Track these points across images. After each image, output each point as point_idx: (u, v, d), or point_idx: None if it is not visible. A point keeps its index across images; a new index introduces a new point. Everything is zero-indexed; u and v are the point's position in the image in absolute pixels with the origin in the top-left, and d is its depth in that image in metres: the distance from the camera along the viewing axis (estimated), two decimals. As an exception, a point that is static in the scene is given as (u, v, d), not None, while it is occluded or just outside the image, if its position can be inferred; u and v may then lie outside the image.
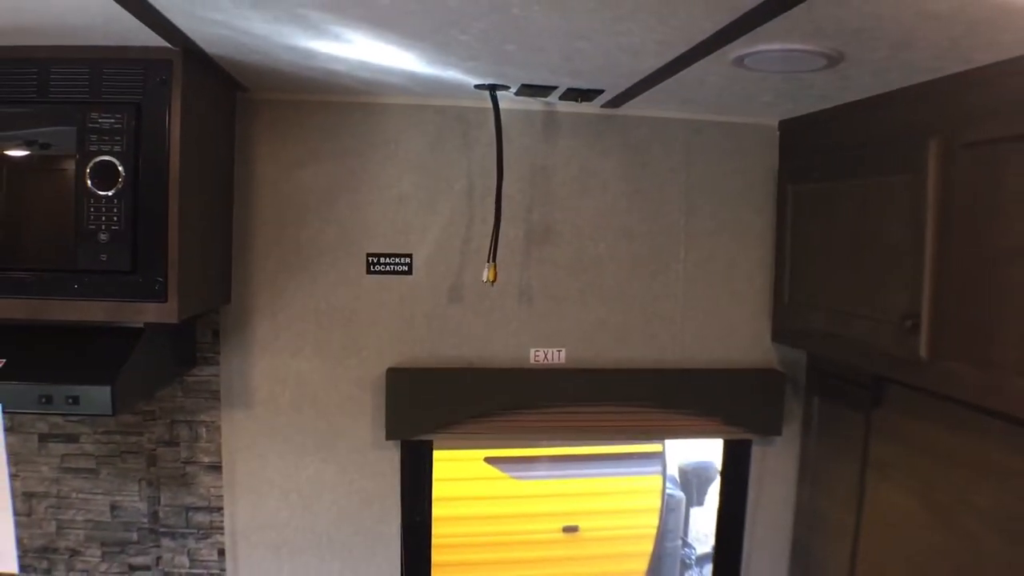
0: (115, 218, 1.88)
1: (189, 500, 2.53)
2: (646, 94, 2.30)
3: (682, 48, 1.74)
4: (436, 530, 2.73)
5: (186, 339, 2.44)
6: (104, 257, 1.89)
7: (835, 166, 2.36)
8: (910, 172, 1.94)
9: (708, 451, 5.93)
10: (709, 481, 5.85)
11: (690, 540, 5.95)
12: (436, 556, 2.75)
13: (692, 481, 5.79)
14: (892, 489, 2.32)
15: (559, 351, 2.64)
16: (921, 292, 1.90)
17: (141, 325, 2.03)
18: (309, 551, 2.60)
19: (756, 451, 2.81)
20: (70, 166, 1.88)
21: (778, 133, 2.70)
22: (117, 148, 1.87)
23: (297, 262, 2.50)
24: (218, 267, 2.39)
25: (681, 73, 1.98)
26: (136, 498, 2.51)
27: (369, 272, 2.54)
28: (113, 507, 2.50)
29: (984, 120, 1.73)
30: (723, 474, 2.88)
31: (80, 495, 2.49)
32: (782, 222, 2.65)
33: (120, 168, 1.87)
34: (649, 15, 1.50)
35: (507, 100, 2.41)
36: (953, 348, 1.82)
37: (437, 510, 2.73)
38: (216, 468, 2.53)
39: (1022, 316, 1.63)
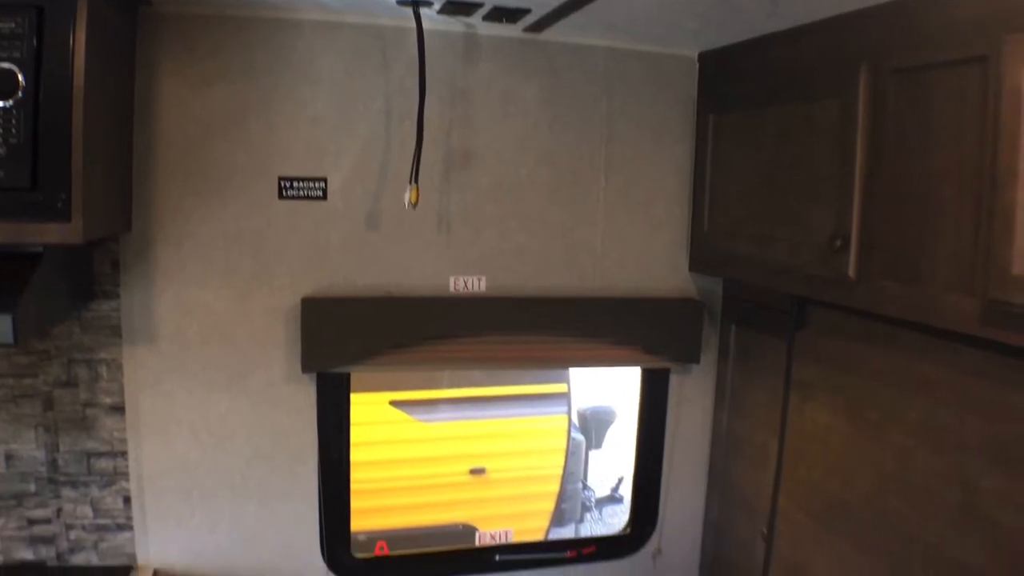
0: (13, 130, 1.72)
1: (90, 445, 2.38)
2: (570, 17, 2.25)
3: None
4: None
5: (83, 271, 2.28)
6: (1, 173, 1.72)
7: (757, 95, 2.38)
8: (839, 98, 1.98)
9: (607, 395, 6.03)
10: (608, 424, 5.95)
11: (589, 484, 6.05)
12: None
13: (591, 425, 5.87)
14: (817, 409, 2.39)
15: (479, 279, 2.60)
16: (850, 212, 1.94)
17: (39, 251, 1.87)
18: (222, 493, 2.49)
19: (674, 379, 2.85)
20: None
21: (698, 65, 2.71)
22: (16, 55, 1.70)
23: (204, 186, 2.36)
24: (119, 191, 2.23)
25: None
26: (32, 446, 2.34)
27: (281, 197, 2.42)
28: (8, 456, 2.32)
29: (913, 47, 1.77)
30: (641, 402, 2.91)
31: (-30, 446, 2.30)
32: (701, 152, 2.68)
33: (20, 76, 1.71)
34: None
35: (427, 21, 2.30)
36: (881, 267, 1.87)
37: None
38: (119, 409, 2.38)
39: (949, 233, 1.68)
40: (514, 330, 2.61)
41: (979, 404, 1.82)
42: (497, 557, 2.86)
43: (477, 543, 4.52)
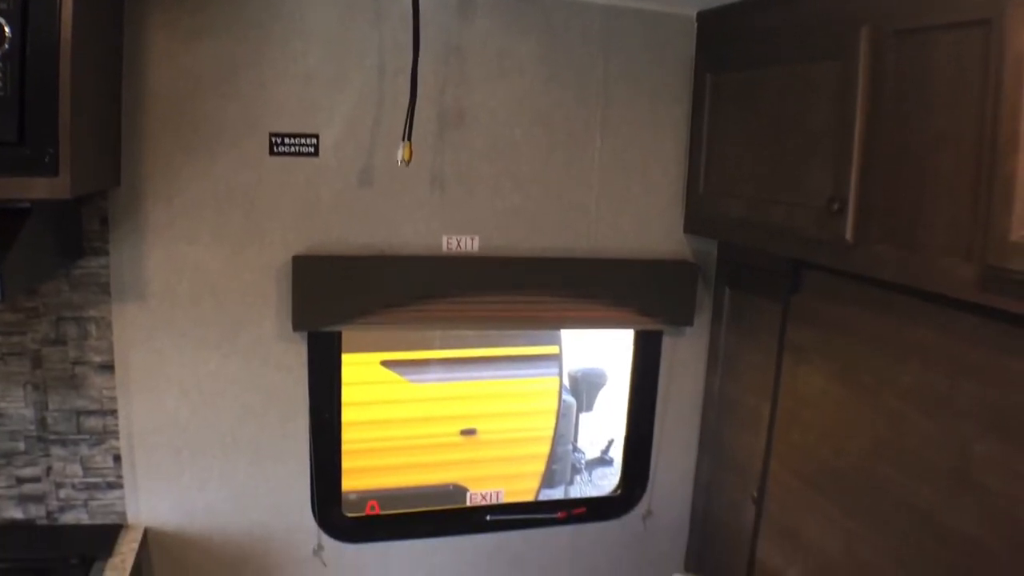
0: (0, 84, 1.67)
1: (80, 403, 2.35)
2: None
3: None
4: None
5: (72, 227, 2.24)
6: (-12, 127, 1.68)
7: (756, 55, 2.35)
8: (839, 59, 1.95)
9: (598, 358, 6.04)
10: (599, 387, 5.97)
11: (579, 446, 6.08)
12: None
13: (582, 387, 5.88)
14: (811, 372, 2.38)
15: (472, 239, 2.57)
16: (848, 175, 1.91)
17: (27, 206, 1.83)
18: (212, 452, 2.48)
19: (667, 342, 2.84)
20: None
21: (696, 24, 2.66)
22: (3, 6, 1.64)
23: (194, 141, 2.31)
24: (108, 146, 2.18)
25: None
26: (21, 404, 2.31)
27: (272, 153, 2.37)
28: (-3, 415, 2.31)
29: (915, 9, 1.73)
30: (634, 365, 2.90)
31: (-42, 404, 2.28)
32: (699, 112, 2.63)
33: (6, 29, 1.65)
34: None
35: (421, -26, 2.26)
36: (879, 230, 1.85)
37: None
38: (108, 367, 2.36)
39: (948, 198, 1.66)
40: (507, 290, 2.59)
41: (974, 370, 1.82)
42: (488, 517, 2.86)
43: (468, 503, 4.56)
